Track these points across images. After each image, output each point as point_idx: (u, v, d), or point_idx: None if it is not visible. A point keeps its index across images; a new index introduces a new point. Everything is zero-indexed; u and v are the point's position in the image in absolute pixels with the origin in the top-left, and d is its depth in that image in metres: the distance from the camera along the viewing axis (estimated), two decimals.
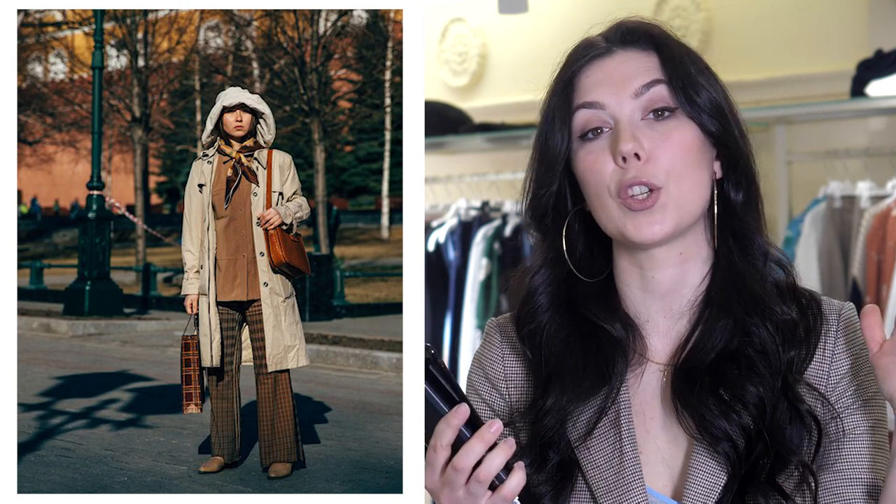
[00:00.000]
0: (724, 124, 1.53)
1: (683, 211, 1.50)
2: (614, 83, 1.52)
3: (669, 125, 1.51)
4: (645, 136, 1.49)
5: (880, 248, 3.85)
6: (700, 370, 1.49)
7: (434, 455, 1.36)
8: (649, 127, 1.51)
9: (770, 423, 1.46)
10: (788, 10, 4.50)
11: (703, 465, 1.48)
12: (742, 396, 1.47)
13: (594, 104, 1.52)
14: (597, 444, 1.52)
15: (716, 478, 1.47)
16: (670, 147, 1.50)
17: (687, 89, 1.52)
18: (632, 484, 1.49)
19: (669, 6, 4.74)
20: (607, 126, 1.52)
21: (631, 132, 1.49)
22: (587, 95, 1.53)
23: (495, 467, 1.35)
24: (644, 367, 1.56)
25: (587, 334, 1.55)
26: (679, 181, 1.49)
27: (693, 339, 1.54)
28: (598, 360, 1.53)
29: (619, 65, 1.54)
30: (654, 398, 1.55)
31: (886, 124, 4.15)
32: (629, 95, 1.51)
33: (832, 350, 1.54)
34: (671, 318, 1.57)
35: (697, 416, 1.48)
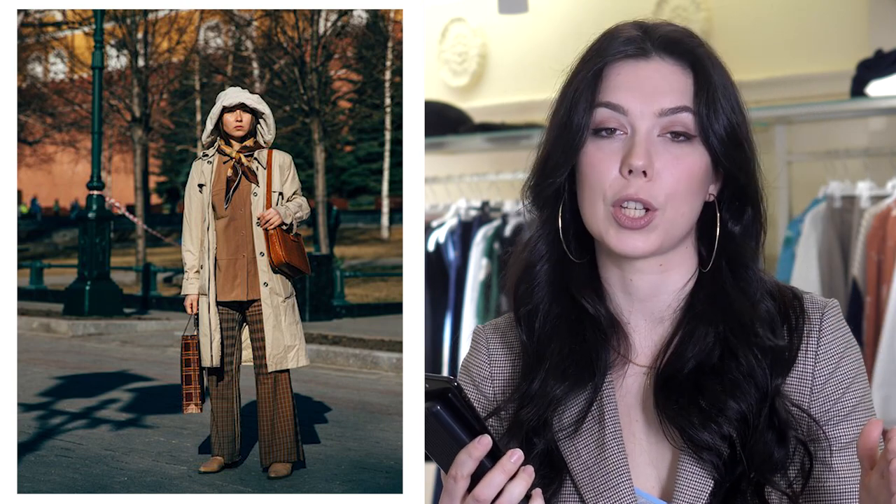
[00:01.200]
0: (737, 155, 1.51)
1: (670, 234, 1.50)
2: (643, 93, 1.49)
3: (684, 150, 1.49)
4: (657, 154, 1.48)
5: (880, 248, 3.84)
6: (680, 378, 1.49)
7: (454, 485, 1.35)
8: (664, 146, 1.49)
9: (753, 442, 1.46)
10: (788, 10, 4.48)
11: (690, 469, 1.48)
12: (723, 410, 1.46)
13: (618, 107, 1.49)
14: (582, 440, 1.52)
15: (704, 482, 1.47)
16: (678, 171, 1.48)
17: (711, 119, 1.49)
18: (619, 483, 1.49)
19: (669, 6, 4.70)
20: (623, 130, 1.50)
21: (646, 147, 1.47)
22: (613, 96, 1.50)
23: (516, 497, 1.35)
24: (626, 368, 1.56)
25: (575, 321, 1.54)
26: (676, 205, 1.48)
27: (673, 344, 1.53)
28: (583, 349, 1.53)
29: (654, 73, 1.50)
30: (637, 401, 1.54)
31: (886, 124, 4.15)
32: (654, 111, 1.49)
33: (815, 351, 1.53)
34: (651, 322, 1.57)
35: (679, 428, 1.48)
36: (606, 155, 1.49)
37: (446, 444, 1.35)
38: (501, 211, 4.75)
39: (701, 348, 1.50)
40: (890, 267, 3.99)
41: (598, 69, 1.51)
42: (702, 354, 1.50)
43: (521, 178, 1.60)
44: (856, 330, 4.05)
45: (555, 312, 1.55)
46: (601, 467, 1.50)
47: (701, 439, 1.46)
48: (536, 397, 1.52)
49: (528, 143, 4.64)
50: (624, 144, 1.49)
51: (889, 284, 4.01)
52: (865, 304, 4.16)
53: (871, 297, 4.12)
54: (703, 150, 1.51)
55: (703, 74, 1.51)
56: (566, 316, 1.55)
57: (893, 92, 3.90)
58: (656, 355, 1.54)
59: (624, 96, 1.49)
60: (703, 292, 1.54)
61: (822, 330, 1.53)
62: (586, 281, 1.56)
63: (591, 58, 1.54)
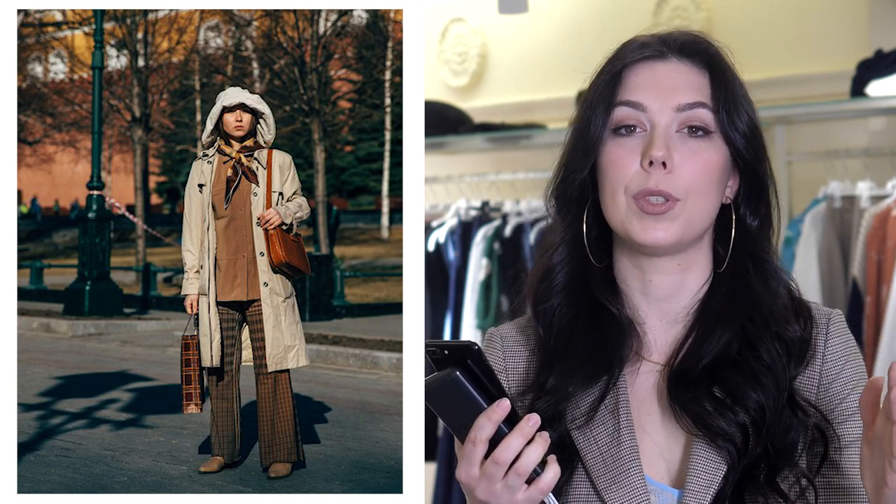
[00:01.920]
0: (756, 152, 1.58)
1: (691, 226, 1.54)
2: (661, 90, 1.56)
3: (701, 144, 1.55)
4: (676, 148, 1.54)
5: (880, 248, 3.85)
6: (695, 372, 1.54)
7: (472, 449, 1.38)
8: (682, 140, 1.54)
9: (771, 430, 1.50)
10: (788, 10, 4.50)
11: (703, 455, 1.51)
12: (742, 400, 1.51)
13: (637, 105, 1.55)
14: (595, 430, 1.56)
15: (717, 468, 1.50)
16: (697, 164, 1.54)
17: (731, 115, 1.55)
18: (631, 470, 1.52)
19: (670, 6, 4.73)
20: (642, 127, 1.55)
21: (665, 140, 1.53)
22: (632, 94, 1.56)
23: (533, 461, 1.37)
24: (640, 364, 1.60)
25: (594, 318, 1.59)
26: (696, 198, 1.54)
27: (688, 344, 1.58)
28: (601, 346, 1.58)
29: (671, 72, 1.57)
30: (650, 396, 1.58)
31: (886, 124, 4.16)
32: (672, 107, 1.55)
33: (822, 353, 1.58)
34: (667, 322, 1.61)
35: (693, 415, 1.52)
36: (627, 151, 1.55)
37: (464, 409, 1.37)
38: (501, 211, 4.74)
39: (717, 346, 1.54)
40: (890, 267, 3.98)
41: (617, 71, 1.58)
42: (718, 351, 1.54)
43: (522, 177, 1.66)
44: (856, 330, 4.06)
45: (573, 311, 1.61)
46: (614, 456, 1.53)
47: (717, 425, 1.49)
48: (552, 390, 1.57)
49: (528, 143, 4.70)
50: (643, 140, 1.55)
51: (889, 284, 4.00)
52: (865, 304, 4.15)
53: (871, 297, 4.12)
54: (721, 144, 1.56)
55: (720, 73, 1.58)
56: (584, 314, 1.60)
57: (893, 92, 3.91)
58: (671, 354, 1.59)
59: (643, 94, 1.56)
60: (722, 291, 1.59)
61: (829, 333, 1.58)
62: (605, 283, 1.61)
63: (609, 63, 1.61)
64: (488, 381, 1.38)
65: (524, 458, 1.37)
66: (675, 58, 1.58)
